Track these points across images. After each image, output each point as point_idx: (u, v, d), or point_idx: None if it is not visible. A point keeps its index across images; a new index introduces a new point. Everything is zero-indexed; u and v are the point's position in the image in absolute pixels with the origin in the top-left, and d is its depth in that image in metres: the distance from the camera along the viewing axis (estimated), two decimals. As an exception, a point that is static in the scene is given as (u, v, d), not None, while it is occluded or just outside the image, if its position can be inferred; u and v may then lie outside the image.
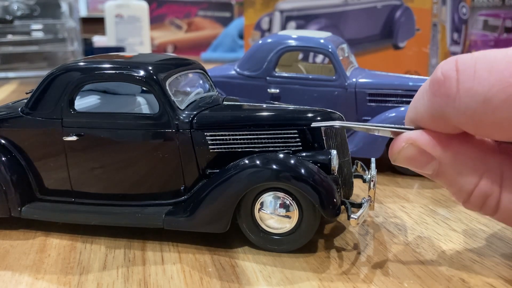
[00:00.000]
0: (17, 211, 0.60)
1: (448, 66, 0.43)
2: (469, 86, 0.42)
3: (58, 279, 0.51)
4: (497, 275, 0.51)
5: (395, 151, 0.49)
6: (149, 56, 0.66)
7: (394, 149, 0.49)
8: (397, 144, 0.48)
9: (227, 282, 0.50)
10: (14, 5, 2.04)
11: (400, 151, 0.48)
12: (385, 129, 0.50)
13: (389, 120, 0.81)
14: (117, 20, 2.38)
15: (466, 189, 0.47)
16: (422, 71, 1.53)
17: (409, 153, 0.48)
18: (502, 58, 0.41)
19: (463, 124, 0.44)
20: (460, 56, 0.43)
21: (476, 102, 0.41)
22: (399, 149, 0.48)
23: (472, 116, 0.42)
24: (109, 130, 0.59)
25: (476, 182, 0.46)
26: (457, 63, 0.43)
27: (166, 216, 0.57)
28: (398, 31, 1.53)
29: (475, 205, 0.47)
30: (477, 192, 0.46)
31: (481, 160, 0.46)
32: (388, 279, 0.50)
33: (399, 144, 0.48)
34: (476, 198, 0.46)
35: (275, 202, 0.55)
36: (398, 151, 0.48)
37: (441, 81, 0.43)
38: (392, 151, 0.49)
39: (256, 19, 1.74)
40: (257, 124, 0.58)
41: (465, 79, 0.42)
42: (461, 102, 0.42)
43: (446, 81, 0.43)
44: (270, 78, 0.87)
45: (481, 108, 0.41)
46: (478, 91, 0.41)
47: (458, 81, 0.42)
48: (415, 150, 0.47)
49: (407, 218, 0.65)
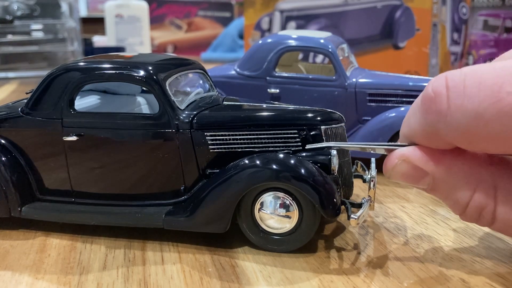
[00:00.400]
0: (17, 211, 0.60)
1: (438, 83, 0.44)
2: (460, 103, 0.42)
3: (58, 279, 0.51)
4: (497, 275, 0.51)
5: (389, 167, 0.49)
6: (149, 56, 0.66)
7: (388, 165, 0.49)
8: (390, 160, 0.49)
9: (227, 282, 0.50)
10: (14, 5, 2.04)
11: (393, 167, 0.49)
12: (379, 147, 0.51)
13: (389, 120, 0.81)
14: (117, 20, 2.38)
15: (461, 203, 0.47)
16: (422, 71, 1.52)
17: (403, 169, 0.48)
18: (489, 72, 0.42)
19: (456, 140, 0.44)
20: (450, 72, 0.44)
21: (467, 118, 0.42)
22: (392, 165, 0.49)
23: (464, 132, 0.43)
24: (109, 130, 0.59)
25: (470, 195, 0.46)
26: (446, 79, 0.43)
27: (166, 216, 0.57)
28: (398, 31, 1.53)
29: (471, 217, 0.48)
30: (472, 205, 0.47)
31: (474, 173, 0.46)
32: (388, 279, 0.50)
33: (392, 160, 0.49)
34: (471, 211, 0.47)
35: (275, 202, 0.55)
36: (391, 167, 0.49)
37: (432, 98, 0.44)
38: (386, 168, 0.50)
39: (256, 19, 1.75)
40: (257, 124, 0.58)
41: (455, 96, 0.42)
42: (452, 118, 0.42)
43: (437, 98, 0.43)
44: (270, 78, 0.87)
45: (473, 123, 0.42)
46: (468, 107, 0.42)
47: (448, 98, 0.43)
48: (408, 166, 0.48)
49: (407, 218, 0.65)
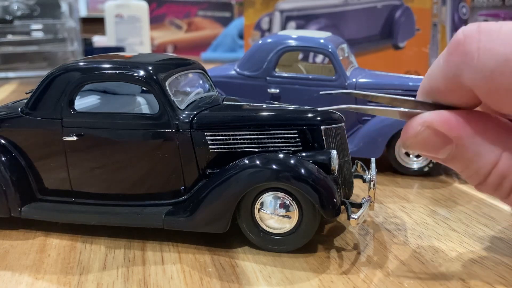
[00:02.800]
0: (17, 211, 0.60)
1: (470, 27, 0.43)
2: (491, 46, 0.41)
3: (58, 279, 0.51)
4: (497, 275, 0.51)
5: (411, 135, 0.45)
6: (149, 56, 0.66)
7: (410, 133, 0.45)
8: (413, 127, 0.45)
9: (227, 282, 0.50)
10: (14, 5, 2.04)
11: (416, 135, 0.45)
12: (395, 109, 0.47)
13: (389, 120, 0.81)
14: (117, 20, 2.37)
15: (483, 171, 0.44)
16: (422, 71, 1.52)
17: (425, 136, 0.45)
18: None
19: (477, 86, 0.42)
20: (484, 22, 0.43)
21: (496, 61, 0.40)
22: (415, 132, 0.45)
23: (488, 76, 0.41)
24: (109, 130, 0.59)
25: (494, 162, 0.44)
26: (480, 25, 0.42)
27: (166, 216, 0.57)
28: (398, 31, 1.53)
29: (490, 187, 0.45)
30: (495, 172, 0.44)
31: (500, 139, 0.44)
32: (388, 279, 0.50)
33: (415, 127, 0.45)
34: (493, 179, 0.44)
35: (275, 202, 0.55)
36: (414, 135, 0.45)
37: (461, 40, 0.42)
38: (407, 135, 0.46)
39: (256, 19, 1.75)
40: (257, 124, 0.58)
41: (488, 39, 0.41)
42: (479, 60, 0.41)
43: (467, 39, 0.42)
44: (270, 78, 0.87)
45: (500, 68, 0.40)
46: (500, 51, 0.40)
47: (479, 41, 0.42)
48: (432, 133, 0.44)
49: (407, 218, 0.65)
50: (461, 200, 0.72)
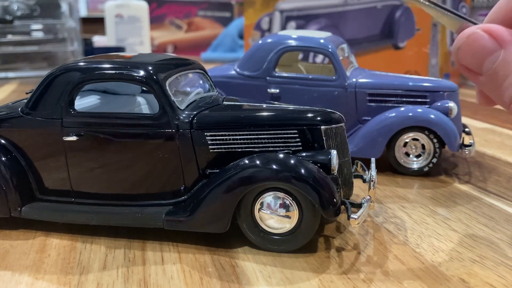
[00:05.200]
0: (17, 211, 0.60)
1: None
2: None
3: (58, 279, 0.51)
4: (497, 275, 0.51)
5: (466, 34, 0.46)
6: (149, 56, 0.66)
7: (465, 32, 0.46)
8: (469, 29, 0.46)
9: (227, 282, 0.50)
10: (14, 5, 2.04)
11: (470, 34, 0.46)
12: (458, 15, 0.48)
13: (389, 120, 0.81)
14: (117, 20, 2.38)
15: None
16: (422, 71, 1.53)
17: (479, 37, 0.46)
18: None
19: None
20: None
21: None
22: (471, 31, 0.46)
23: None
24: (109, 130, 0.59)
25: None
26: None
27: (166, 216, 0.57)
28: (398, 31, 1.53)
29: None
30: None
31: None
32: (388, 279, 0.50)
33: (472, 29, 0.46)
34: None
35: (275, 202, 0.55)
36: (469, 34, 0.46)
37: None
38: (462, 35, 0.47)
39: (256, 19, 1.75)
40: (257, 124, 0.58)
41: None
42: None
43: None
44: (270, 78, 0.87)
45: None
46: None
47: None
48: (486, 36, 0.45)
49: (407, 218, 0.65)
50: (461, 200, 0.72)
